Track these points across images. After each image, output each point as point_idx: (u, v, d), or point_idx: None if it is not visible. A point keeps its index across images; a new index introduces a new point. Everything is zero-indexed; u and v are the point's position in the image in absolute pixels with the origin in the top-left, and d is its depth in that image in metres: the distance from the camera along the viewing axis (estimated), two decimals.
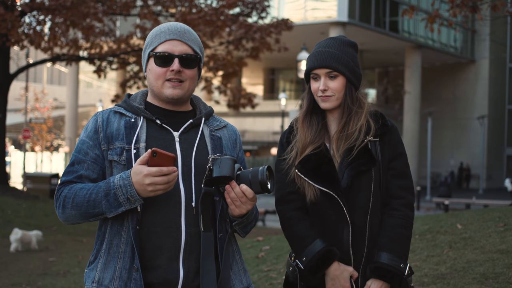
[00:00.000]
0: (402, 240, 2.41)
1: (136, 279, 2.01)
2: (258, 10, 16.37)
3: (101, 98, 42.55)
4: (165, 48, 2.13)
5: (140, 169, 1.96)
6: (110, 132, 2.11)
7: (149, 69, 2.17)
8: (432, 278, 4.83)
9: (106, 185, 2.02)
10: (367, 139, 2.40)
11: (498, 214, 6.59)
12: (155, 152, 1.94)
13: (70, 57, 15.89)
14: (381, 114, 2.51)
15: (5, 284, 7.11)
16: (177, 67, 2.11)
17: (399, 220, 2.42)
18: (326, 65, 2.42)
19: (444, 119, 37.80)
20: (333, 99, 2.44)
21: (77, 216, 2.06)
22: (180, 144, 2.13)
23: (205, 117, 2.23)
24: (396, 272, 2.35)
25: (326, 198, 2.40)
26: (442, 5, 21.93)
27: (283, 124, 28.84)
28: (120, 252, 2.05)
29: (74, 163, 2.12)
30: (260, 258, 6.70)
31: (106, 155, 2.10)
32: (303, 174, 2.42)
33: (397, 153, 2.47)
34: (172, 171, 1.95)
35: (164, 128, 2.14)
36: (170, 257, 2.05)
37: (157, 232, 2.05)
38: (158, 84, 2.14)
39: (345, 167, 2.39)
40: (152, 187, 1.95)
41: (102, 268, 2.08)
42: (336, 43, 2.47)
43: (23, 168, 25.92)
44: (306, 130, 2.48)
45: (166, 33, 2.15)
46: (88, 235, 11.51)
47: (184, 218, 2.07)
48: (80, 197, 2.03)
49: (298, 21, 25.33)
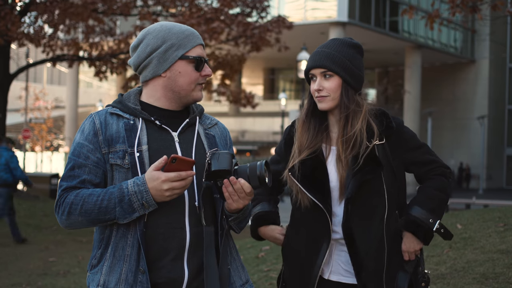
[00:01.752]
0: (435, 199, 2.44)
1: (142, 282, 2.01)
2: (258, 9, 16.37)
3: (101, 98, 42.58)
4: (199, 53, 2.15)
5: (157, 175, 1.96)
6: (110, 135, 2.09)
7: (180, 71, 2.14)
8: (432, 278, 4.83)
9: (119, 191, 2.00)
10: (371, 144, 2.37)
11: (498, 214, 6.59)
12: (175, 159, 1.94)
13: (70, 58, 15.88)
14: (385, 114, 2.47)
15: (5, 284, 7.11)
16: (210, 72, 2.16)
17: (436, 183, 2.47)
18: (320, 65, 2.41)
19: (444, 119, 37.81)
20: (329, 99, 2.42)
21: (84, 222, 2.05)
22: (180, 144, 2.13)
23: (198, 116, 2.24)
24: (423, 225, 2.39)
25: (314, 208, 2.41)
26: (442, 5, 21.94)
27: (283, 124, 28.84)
28: (126, 255, 2.04)
29: (74, 168, 2.08)
30: (260, 258, 6.70)
31: (107, 159, 2.08)
32: (296, 179, 2.43)
33: (409, 148, 2.47)
34: (190, 175, 1.97)
35: (163, 128, 2.13)
36: (175, 257, 2.05)
37: (162, 233, 2.05)
38: (190, 87, 2.15)
39: (350, 178, 2.36)
40: (170, 192, 1.97)
41: (107, 271, 2.06)
42: (335, 44, 2.45)
43: (23, 168, 25.95)
44: (304, 133, 2.48)
45: (196, 37, 2.17)
46: (88, 235, 11.51)
47: (188, 218, 2.07)
48: (90, 203, 2.01)
49: (298, 21, 25.33)
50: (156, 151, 2.08)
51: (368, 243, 2.37)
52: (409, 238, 2.42)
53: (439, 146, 37.28)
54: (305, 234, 2.46)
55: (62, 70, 48.30)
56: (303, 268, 2.45)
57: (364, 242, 2.36)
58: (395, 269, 2.41)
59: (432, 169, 2.48)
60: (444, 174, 2.49)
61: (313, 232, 2.43)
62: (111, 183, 2.08)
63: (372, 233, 2.37)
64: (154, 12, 15.82)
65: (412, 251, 2.43)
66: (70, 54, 15.97)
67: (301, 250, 2.46)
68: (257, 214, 2.60)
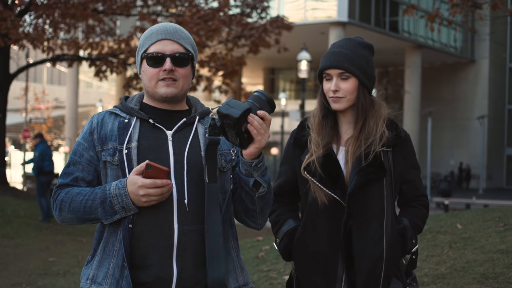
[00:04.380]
0: (417, 229, 2.49)
1: (127, 277, 2.03)
2: (258, 9, 16.38)
3: (101, 98, 42.53)
4: (157, 49, 2.14)
5: (135, 180, 1.99)
6: (104, 133, 2.14)
7: (143, 70, 2.18)
8: (432, 278, 4.83)
9: (103, 192, 2.05)
10: (379, 148, 2.39)
11: (498, 214, 6.59)
12: (149, 165, 1.97)
13: (70, 57, 15.88)
14: (394, 123, 2.49)
15: (5, 284, 7.11)
16: (169, 66, 2.12)
17: (420, 213, 2.51)
18: (338, 66, 2.40)
19: (444, 119, 37.78)
20: (344, 100, 2.42)
21: (74, 219, 2.12)
22: (173, 142, 2.13)
23: (200, 116, 2.22)
24: (409, 237, 2.44)
25: (332, 204, 2.41)
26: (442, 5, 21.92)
27: (283, 124, 28.82)
28: (114, 250, 2.08)
29: (70, 165, 2.17)
30: (260, 258, 6.70)
31: (100, 156, 2.13)
32: (313, 176, 2.42)
33: (410, 165, 2.49)
34: (166, 183, 1.98)
35: (157, 127, 2.15)
36: (163, 255, 2.05)
37: (150, 231, 2.06)
38: (151, 84, 2.16)
39: (355, 173, 2.38)
40: (146, 198, 1.99)
41: (97, 266, 2.11)
42: (351, 44, 2.45)
43: (23, 168, 25.89)
44: (320, 132, 2.47)
45: (156, 33, 2.16)
46: (88, 235, 11.51)
47: (176, 216, 2.07)
48: (77, 202, 2.08)
49: (298, 21, 25.31)
50: (146, 149, 2.10)
51: (365, 242, 2.37)
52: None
53: (439, 146, 37.26)
54: (325, 231, 2.43)
55: (62, 70, 48.28)
56: (328, 264, 2.42)
57: (361, 241, 2.37)
58: (391, 274, 2.42)
59: (419, 199, 2.54)
60: (426, 206, 2.56)
61: (333, 227, 2.42)
62: (105, 180, 2.13)
63: (369, 234, 2.38)
64: (154, 12, 15.81)
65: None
66: (70, 54, 15.97)
67: (322, 247, 2.43)
68: (287, 231, 2.52)
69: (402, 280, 2.43)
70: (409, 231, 2.44)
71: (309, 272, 2.47)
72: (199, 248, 2.08)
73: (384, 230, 2.38)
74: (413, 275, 2.50)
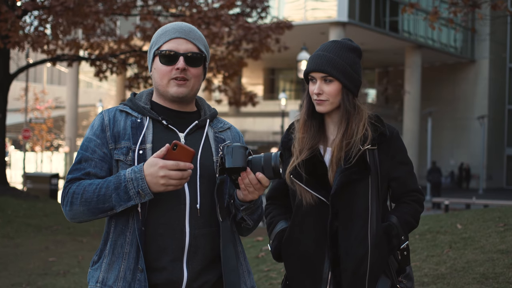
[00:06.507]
0: (408, 226, 2.46)
1: (140, 280, 2.01)
2: (258, 9, 16.37)
3: (101, 98, 42.55)
4: (170, 47, 2.12)
5: (155, 161, 1.96)
6: (117, 131, 2.11)
7: (154, 68, 2.16)
8: (432, 278, 4.83)
9: (117, 178, 2.01)
10: (363, 148, 2.40)
11: (498, 214, 6.59)
12: (176, 145, 1.93)
13: (70, 58, 15.88)
14: (381, 121, 2.50)
15: (5, 284, 7.11)
16: (182, 65, 2.10)
17: (412, 210, 2.47)
18: (321, 69, 2.42)
19: (444, 119, 37.80)
20: (327, 103, 2.45)
21: (85, 212, 2.04)
22: (186, 145, 2.12)
23: (210, 119, 2.22)
24: (396, 235, 2.41)
25: (318, 204, 2.43)
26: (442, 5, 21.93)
27: (283, 124, 28.83)
28: (124, 252, 2.05)
29: (81, 161, 2.10)
30: (260, 258, 6.71)
31: (112, 154, 2.10)
32: (298, 179, 2.44)
33: (397, 161, 2.48)
34: (188, 167, 1.95)
35: (170, 129, 2.13)
36: (174, 258, 2.05)
37: (162, 234, 2.05)
38: (163, 82, 2.14)
39: (338, 174, 2.40)
40: (165, 180, 1.95)
41: (106, 268, 2.08)
42: (337, 47, 2.47)
43: (23, 168, 25.93)
44: (304, 134, 2.50)
45: (171, 31, 2.15)
46: (88, 235, 11.50)
47: (188, 220, 2.07)
48: (90, 192, 2.02)
49: (298, 21, 25.32)
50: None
51: (349, 242, 2.38)
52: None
53: (439, 146, 37.28)
54: (312, 231, 2.45)
55: (62, 70, 48.30)
56: (314, 264, 2.43)
57: (346, 241, 2.38)
58: (378, 273, 2.41)
59: (410, 194, 2.50)
60: (419, 201, 2.51)
61: (319, 228, 2.43)
62: None
63: (354, 234, 2.38)
64: (154, 12, 15.81)
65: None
66: (70, 54, 15.97)
67: (309, 248, 2.45)
68: (277, 232, 2.55)
69: (392, 277, 2.42)
70: (394, 228, 2.41)
71: (297, 273, 2.49)
72: (208, 251, 2.10)
73: (368, 229, 2.38)
74: (406, 271, 2.48)
